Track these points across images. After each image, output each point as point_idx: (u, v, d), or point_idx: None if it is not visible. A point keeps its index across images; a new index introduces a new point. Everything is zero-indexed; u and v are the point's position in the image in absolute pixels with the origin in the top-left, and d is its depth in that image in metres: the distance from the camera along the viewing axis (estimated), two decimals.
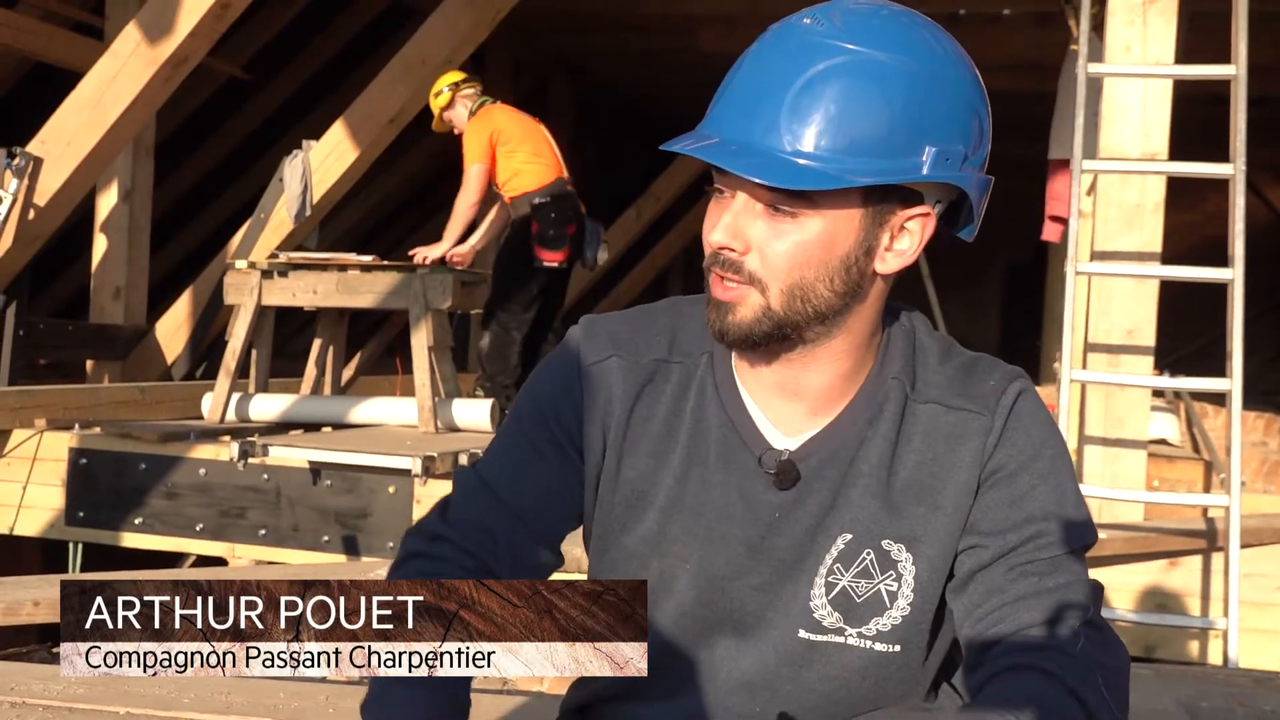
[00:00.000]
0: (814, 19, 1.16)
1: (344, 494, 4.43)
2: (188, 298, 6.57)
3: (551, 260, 5.59)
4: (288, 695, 2.09)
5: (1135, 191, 3.99)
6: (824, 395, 1.24)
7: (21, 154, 5.14)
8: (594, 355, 1.29)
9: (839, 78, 1.13)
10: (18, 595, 2.98)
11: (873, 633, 1.24)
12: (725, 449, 1.25)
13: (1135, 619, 3.72)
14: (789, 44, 1.16)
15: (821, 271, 1.17)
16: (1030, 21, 8.24)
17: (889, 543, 1.23)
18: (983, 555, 1.22)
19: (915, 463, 1.23)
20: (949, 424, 1.23)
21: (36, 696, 2.04)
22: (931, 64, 1.16)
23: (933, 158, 1.15)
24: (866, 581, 1.23)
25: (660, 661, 1.27)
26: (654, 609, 1.27)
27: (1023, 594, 1.19)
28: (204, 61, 5.55)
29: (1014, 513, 1.22)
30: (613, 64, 10.29)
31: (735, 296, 1.18)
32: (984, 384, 1.25)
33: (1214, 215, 5.43)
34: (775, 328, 1.18)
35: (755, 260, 1.17)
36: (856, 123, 1.13)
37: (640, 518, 1.27)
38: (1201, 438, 5.39)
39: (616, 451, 1.28)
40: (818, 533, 1.23)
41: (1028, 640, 1.17)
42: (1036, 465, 1.23)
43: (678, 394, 1.27)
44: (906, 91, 1.14)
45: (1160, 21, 3.98)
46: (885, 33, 1.15)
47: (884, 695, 1.28)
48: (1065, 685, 1.12)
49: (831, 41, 1.14)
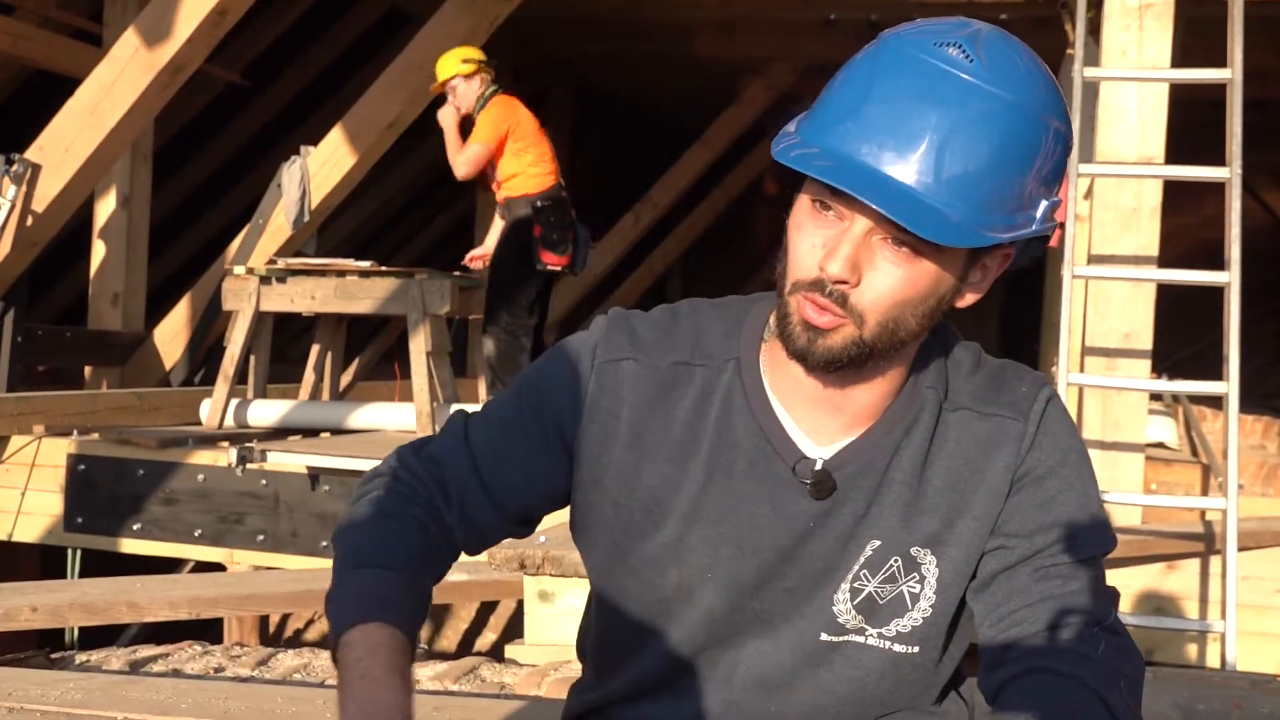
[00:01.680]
0: (960, 50, 1.10)
1: (343, 499, 4.43)
2: (186, 304, 6.57)
3: (555, 264, 5.57)
4: (285, 700, 2.09)
5: (1132, 195, 4.00)
6: (865, 409, 1.23)
7: (20, 160, 5.15)
8: (611, 353, 1.27)
9: (991, 127, 1.09)
10: (16, 601, 2.98)
11: (893, 634, 1.24)
12: (756, 458, 1.23)
13: (1133, 622, 3.72)
14: (937, 77, 1.10)
15: (918, 309, 1.16)
16: (1028, 25, 8.22)
17: (917, 549, 1.23)
18: (1008, 556, 1.22)
19: (947, 469, 1.23)
20: (983, 430, 1.24)
21: (34, 702, 2.04)
22: (1055, 110, 1.13)
23: (1044, 210, 1.15)
24: (891, 586, 1.23)
25: (679, 664, 1.28)
26: (674, 618, 1.26)
27: (1045, 596, 1.20)
28: (202, 68, 5.55)
29: (1041, 516, 1.22)
30: (611, 69, 10.29)
31: (831, 324, 1.14)
32: (1015, 390, 1.25)
33: (1212, 219, 5.43)
34: (862, 355, 1.16)
35: (863, 294, 1.13)
36: (999, 177, 1.10)
37: (659, 525, 1.26)
38: (1200, 441, 5.39)
39: (631, 455, 1.26)
40: (849, 541, 1.23)
41: (1050, 643, 1.17)
42: (1064, 470, 1.23)
43: (700, 399, 1.26)
44: (1040, 144, 1.12)
45: (1156, 26, 3.99)
46: (1028, 78, 1.12)
47: (899, 696, 1.28)
48: (1090, 689, 1.13)
49: (983, 85, 1.09)
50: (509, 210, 5.63)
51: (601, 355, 1.27)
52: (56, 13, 7.08)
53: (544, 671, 2.89)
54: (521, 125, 5.54)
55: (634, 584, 1.28)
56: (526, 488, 1.29)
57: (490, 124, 5.47)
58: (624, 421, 1.26)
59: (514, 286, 5.59)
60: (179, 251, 9.80)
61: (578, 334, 1.32)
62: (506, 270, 5.60)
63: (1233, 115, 3.59)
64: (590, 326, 1.31)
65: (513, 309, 5.58)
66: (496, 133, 5.46)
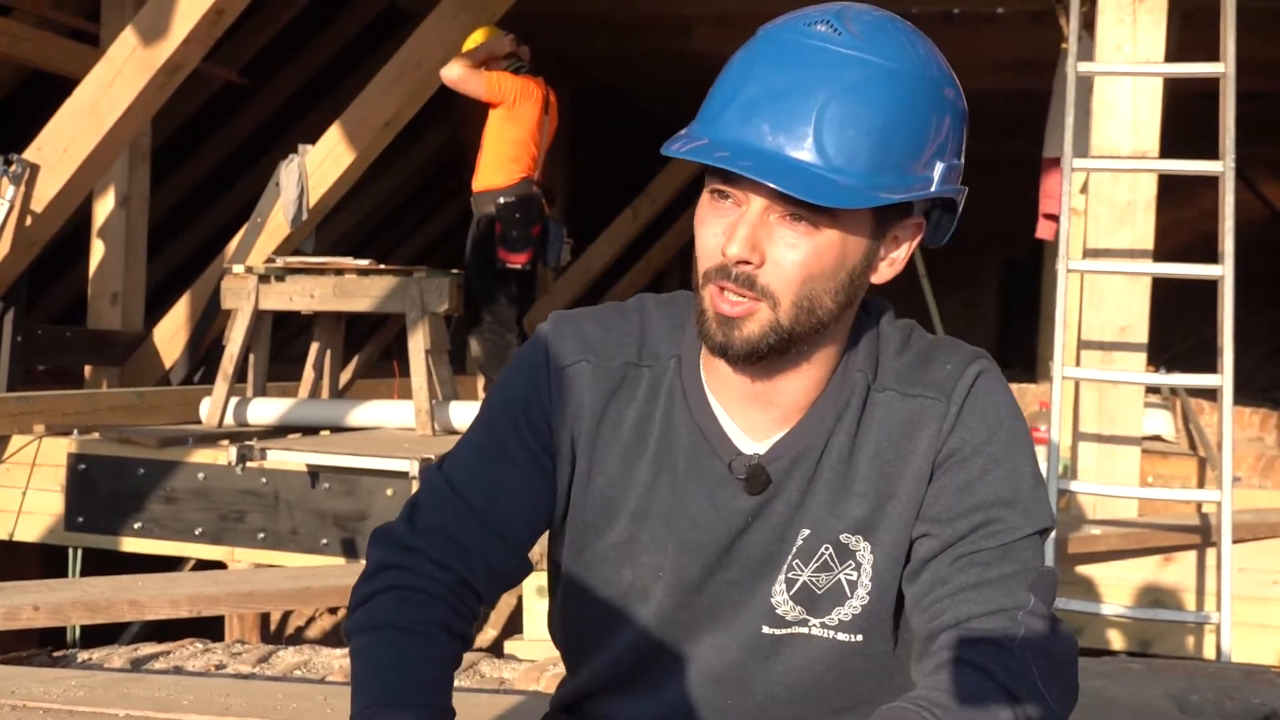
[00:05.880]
0: (829, 25, 1.13)
1: (342, 497, 4.44)
2: (185, 303, 6.58)
3: (514, 262, 5.58)
4: (286, 696, 2.10)
5: (1127, 189, 4.00)
6: (798, 400, 1.24)
7: (18, 161, 5.15)
8: (564, 358, 1.27)
9: (870, 92, 1.11)
10: (18, 600, 2.99)
11: (834, 623, 1.25)
12: (694, 456, 1.24)
13: (1130, 614, 3.74)
14: (809, 52, 1.13)
15: (830, 284, 1.16)
16: (1024, 20, 8.25)
17: (846, 535, 1.23)
18: (932, 544, 1.21)
19: (873, 452, 1.23)
20: (906, 411, 1.23)
21: (37, 700, 2.05)
22: (938, 77, 1.16)
23: (940, 172, 1.16)
24: (826, 574, 1.24)
25: (641, 661, 1.29)
26: (630, 614, 1.28)
27: (965, 585, 1.19)
28: (199, 67, 5.56)
29: (963, 500, 1.21)
30: (609, 64, 10.29)
31: (744, 311, 1.15)
32: (941, 369, 1.24)
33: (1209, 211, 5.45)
34: (781, 341, 1.17)
35: (769, 273, 1.14)
36: (882, 140, 1.12)
37: (611, 524, 1.27)
38: (1197, 434, 5.40)
39: (587, 458, 1.27)
40: (784, 532, 1.24)
41: (968, 633, 1.16)
42: (990, 449, 1.21)
43: (647, 399, 1.27)
44: (923, 107, 1.14)
45: (1150, 19, 4.00)
46: (902, 46, 1.14)
47: (852, 685, 1.28)
48: (997, 681, 1.12)
49: (856, 53, 1.12)
50: (475, 206, 5.68)
51: (556, 361, 1.28)
52: (53, 13, 7.08)
53: (543, 667, 2.90)
54: (523, 105, 5.56)
55: (593, 580, 1.29)
56: (532, 514, 1.29)
57: (498, 83, 5.53)
58: (583, 422, 1.27)
59: (488, 284, 5.61)
60: (178, 250, 9.80)
61: (524, 347, 1.32)
62: (478, 270, 5.62)
63: (1226, 109, 3.60)
64: (534, 336, 1.31)
65: (493, 307, 5.61)
66: (496, 91, 5.51)
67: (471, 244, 5.70)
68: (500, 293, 5.61)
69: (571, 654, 1.37)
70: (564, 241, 5.84)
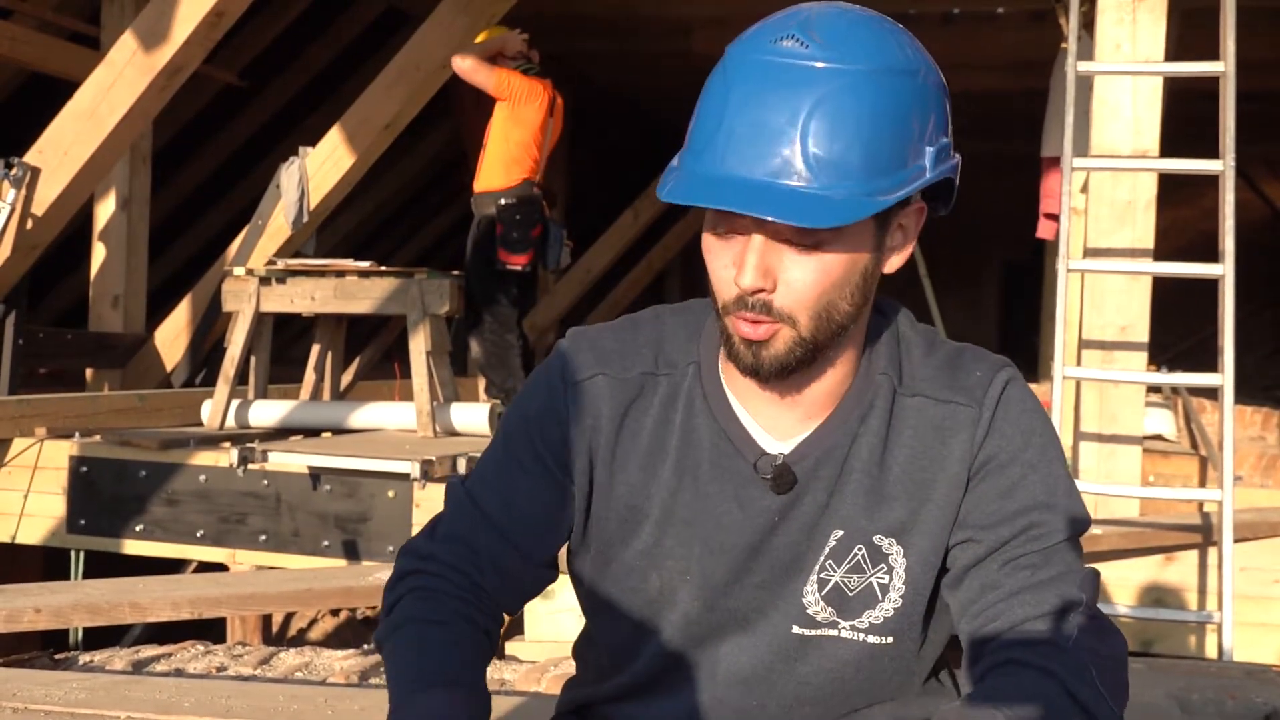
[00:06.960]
0: (794, 39, 1.13)
1: (344, 499, 4.45)
2: (186, 305, 6.58)
3: (515, 263, 5.57)
4: (287, 698, 2.10)
5: (1127, 188, 4.00)
6: (821, 400, 1.24)
7: (19, 164, 5.15)
8: (581, 372, 1.29)
9: (848, 101, 1.11)
10: (19, 603, 2.99)
11: (865, 625, 1.25)
12: (717, 458, 1.25)
13: (1132, 614, 3.74)
14: (778, 72, 1.12)
15: (844, 290, 1.17)
16: (1024, 19, 8.25)
17: (880, 537, 1.24)
18: (976, 550, 1.22)
19: (906, 457, 1.24)
20: (938, 417, 1.24)
21: (38, 702, 2.06)
22: (911, 64, 1.16)
23: (931, 157, 1.16)
24: (858, 576, 1.24)
25: (667, 665, 1.29)
26: (657, 620, 1.28)
27: (1017, 588, 1.20)
28: (200, 69, 5.56)
29: (1005, 505, 1.22)
30: (609, 66, 10.30)
31: (767, 333, 1.17)
32: (971, 375, 1.25)
33: (1211, 210, 5.45)
34: (808, 353, 1.18)
35: (784, 296, 1.16)
36: (870, 144, 1.12)
37: (636, 532, 1.28)
38: (1199, 433, 5.40)
39: (607, 469, 1.28)
40: (813, 532, 1.24)
41: (1023, 635, 1.17)
42: (1026, 455, 1.23)
43: (665, 406, 1.28)
44: (903, 100, 1.14)
45: (1150, 19, 4.00)
46: (868, 44, 1.14)
47: (878, 686, 1.29)
48: (1059, 681, 1.13)
49: (823, 64, 1.12)
50: (476, 207, 5.67)
51: (573, 376, 1.29)
52: (54, 16, 7.09)
53: (544, 668, 2.91)
54: (527, 105, 5.56)
55: (619, 591, 1.30)
56: (550, 528, 1.31)
57: (505, 79, 5.53)
58: (601, 435, 1.28)
59: (489, 285, 5.60)
60: (179, 253, 9.81)
61: (542, 365, 1.34)
62: (478, 271, 5.62)
63: (1226, 108, 3.60)
64: (554, 353, 1.32)
65: (493, 308, 5.60)
66: (503, 87, 5.51)
67: (472, 245, 5.69)
68: (501, 294, 5.60)
69: (600, 663, 1.37)
70: (564, 243, 5.83)
